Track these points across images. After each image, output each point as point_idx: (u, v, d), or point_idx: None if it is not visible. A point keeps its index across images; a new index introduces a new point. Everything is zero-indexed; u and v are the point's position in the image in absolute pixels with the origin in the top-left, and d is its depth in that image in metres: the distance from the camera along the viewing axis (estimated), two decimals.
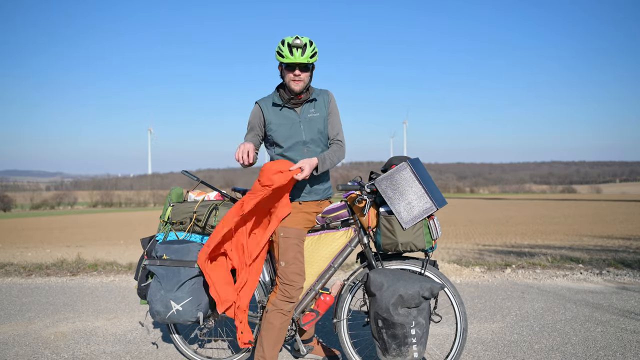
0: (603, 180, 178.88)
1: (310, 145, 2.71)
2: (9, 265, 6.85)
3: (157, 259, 2.74)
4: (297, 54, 2.56)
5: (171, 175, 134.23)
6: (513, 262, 6.21)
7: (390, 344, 2.42)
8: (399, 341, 2.41)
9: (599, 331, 3.49)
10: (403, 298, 2.40)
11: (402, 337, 2.40)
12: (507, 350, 3.19)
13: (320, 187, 2.79)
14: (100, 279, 5.90)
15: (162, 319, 2.72)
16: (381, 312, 2.42)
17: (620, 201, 45.66)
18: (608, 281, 5.10)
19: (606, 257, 6.49)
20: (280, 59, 2.61)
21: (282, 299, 2.64)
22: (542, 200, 56.05)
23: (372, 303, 2.48)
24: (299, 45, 2.55)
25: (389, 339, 2.41)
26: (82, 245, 15.32)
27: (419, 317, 2.42)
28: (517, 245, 10.76)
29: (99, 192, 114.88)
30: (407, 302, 2.40)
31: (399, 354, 2.43)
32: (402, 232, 2.49)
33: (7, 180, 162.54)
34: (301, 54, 2.56)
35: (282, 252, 2.67)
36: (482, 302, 4.38)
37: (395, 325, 2.39)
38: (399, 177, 2.52)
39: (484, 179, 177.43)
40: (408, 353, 2.43)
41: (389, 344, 2.42)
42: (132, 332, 3.79)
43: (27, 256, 10.36)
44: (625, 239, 12.14)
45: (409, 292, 2.40)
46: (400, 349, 2.42)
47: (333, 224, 2.76)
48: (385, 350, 2.45)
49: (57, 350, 3.41)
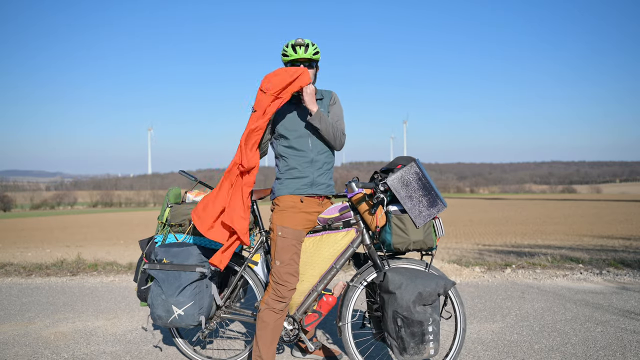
0: (603, 180, 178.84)
1: (315, 138, 2.75)
2: (9, 265, 6.85)
3: (157, 263, 2.73)
4: (301, 51, 2.69)
5: (171, 175, 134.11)
6: (513, 262, 6.21)
7: (409, 342, 2.44)
8: (417, 339, 2.44)
9: (599, 331, 3.49)
10: (422, 295, 2.43)
11: (420, 334, 2.43)
12: (507, 350, 3.20)
13: (324, 182, 2.78)
14: (100, 279, 5.90)
15: (163, 323, 2.72)
16: (401, 310, 2.43)
17: (620, 201, 45.64)
18: (608, 281, 5.10)
19: (606, 257, 6.49)
20: (285, 59, 2.74)
21: (274, 298, 2.65)
22: (542, 200, 56.04)
23: (390, 302, 2.48)
24: (301, 44, 2.70)
25: (408, 338, 2.43)
26: (82, 245, 15.31)
27: (434, 314, 2.47)
28: (517, 245, 10.76)
29: (99, 192, 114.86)
30: (425, 299, 2.44)
31: (417, 352, 2.45)
32: (415, 230, 2.54)
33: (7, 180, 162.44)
34: (304, 52, 2.69)
35: (278, 252, 2.67)
36: (482, 302, 4.38)
37: (415, 323, 2.42)
38: (409, 176, 2.57)
39: (484, 179, 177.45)
40: (425, 350, 2.46)
41: (408, 343, 2.44)
42: (132, 332, 3.79)
43: (27, 256, 10.35)
44: (625, 239, 12.14)
45: (427, 289, 2.44)
46: (418, 347, 2.45)
47: (335, 225, 2.76)
48: (404, 349, 2.46)
49: (57, 350, 3.41)
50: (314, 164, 2.73)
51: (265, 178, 63.23)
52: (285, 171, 2.75)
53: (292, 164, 2.73)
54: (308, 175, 2.73)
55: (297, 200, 2.72)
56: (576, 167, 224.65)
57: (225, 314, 2.98)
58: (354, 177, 2.66)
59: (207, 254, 2.78)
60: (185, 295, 2.66)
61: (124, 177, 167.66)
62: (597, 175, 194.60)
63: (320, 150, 2.75)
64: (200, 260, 2.72)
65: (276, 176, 2.83)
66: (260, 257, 2.96)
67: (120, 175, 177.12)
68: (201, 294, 2.71)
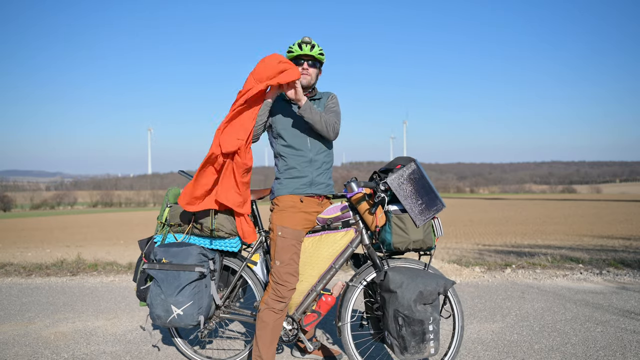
0: (603, 180, 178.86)
1: (314, 136, 2.75)
2: (9, 265, 6.85)
3: (156, 263, 2.73)
4: (306, 49, 2.72)
5: (171, 175, 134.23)
6: (513, 262, 6.21)
7: (409, 341, 2.45)
8: (418, 338, 2.44)
9: (599, 331, 3.49)
10: (423, 294, 2.44)
11: (421, 333, 2.44)
12: (507, 350, 3.19)
13: (323, 182, 2.79)
14: (100, 279, 5.90)
15: (163, 323, 2.72)
16: (402, 309, 2.44)
17: (620, 201, 45.63)
18: (608, 281, 5.10)
19: (606, 257, 6.49)
20: (290, 55, 2.76)
21: (274, 298, 2.65)
22: (542, 200, 56.02)
23: (392, 301, 2.48)
24: (308, 42, 2.74)
25: (409, 337, 2.44)
26: (82, 245, 15.31)
27: (434, 312, 2.48)
28: (517, 245, 10.76)
29: (99, 192, 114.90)
30: (425, 298, 2.45)
31: (418, 351, 2.46)
32: (415, 230, 2.55)
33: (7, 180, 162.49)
34: (310, 49, 2.72)
35: (278, 251, 2.67)
36: (482, 302, 4.38)
37: (416, 322, 2.43)
38: (410, 176, 2.58)
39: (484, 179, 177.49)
40: (426, 349, 2.47)
41: (409, 342, 2.45)
42: (132, 332, 3.79)
43: (27, 256, 10.35)
44: (625, 239, 12.14)
45: (428, 288, 2.45)
46: (419, 346, 2.46)
47: (334, 225, 2.76)
48: (405, 349, 2.47)
49: (57, 350, 3.41)
50: (313, 163, 2.73)
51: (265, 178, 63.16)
52: (285, 171, 2.75)
53: (291, 163, 2.73)
54: (307, 174, 2.73)
55: (297, 200, 2.72)
56: (576, 167, 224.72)
57: (225, 314, 2.98)
58: (352, 178, 2.67)
59: (207, 253, 2.78)
60: (184, 295, 2.66)
61: (124, 177, 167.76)
62: (597, 175, 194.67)
63: (318, 150, 2.76)
64: (200, 260, 2.72)
65: (275, 176, 2.83)
66: (259, 257, 2.96)
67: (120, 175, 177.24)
68: (200, 293, 2.71)
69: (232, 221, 2.79)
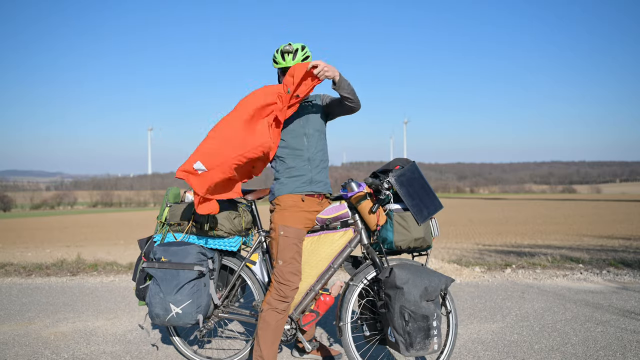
0: (603, 180, 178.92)
1: (311, 135, 2.76)
2: (9, 265, 6.85)
3: (155, 262, 2.73)
4: (289, 59, 2.70)
5: (171, 175, 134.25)
6: (513, 262, 6.21)
7: (415, 337, 2.47)
8: (423, 334, 2.47)
9: (599, 331, 3.49)
10: (428, 290, 2.48)
11: (425, 329, 2.47)
12: (507, 350, 3.19)
13: (322, 180, 2.80)
14: (100, 279, 5.90)
15: (161, 322, 2.72)
16: (409, 305, 2.46)
17: (620, 201, 45.64)
18: (608, 281, 5.10)
19: (606, 257, 6.49)
20: (275, 65, 2.76)
21: (276, 298, 2.64)
22: (542, 200, 56.03)
23: (398, 297, 2.50)
24: (289, 51, 2.69)
25: (415, 332, 2.46)
26: (82, 245, 15.32)
27: (437, 309, 2.52)
28: (517, 245, 10.76)
29: (98, 192, 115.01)
30: (430, 294, 2.48)
31: (422, 347, 2.48)
32: (417, 228, 2.60)
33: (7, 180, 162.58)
34: (292, 59, 2.69)
35: (280, 251, 2.67)
36: (482, 302, 4.38)
37: (421, 318, 2.46)
38: (411, 175, 2.64)
39: (484, 179, 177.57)
40: (430, 345, 2.49)
41: (414, 337, 2.47)
42: (132, 332, 3.79)
43: (27, 256, 10.36)
44: (625, 239, 12.14)
45: (432, 284, 2.49)
46: (424, 342, 2.48)
47: (332, 225, 2.77)
48: (410, 345, 2.48)
49: (57, 350, 3.41)
50: (311, 162, 2.75)
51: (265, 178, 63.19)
52: (284, 171, 2.76)
53: (290, 163, 2.74)
54: (306, 173, 2.74)
55: (298, 199, 2.72)
56: (576, 167, 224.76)
57: (224, 314, 2.98)
58: (348, 179, 2.70)
59: (206, 252, 2.78)
60: (183, 293, 2.66)
61: (124, 177, 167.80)
62: (597, 175, 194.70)
63: (315, 149, 2.77)
64: (199, 259, 2.72)
65: (275, 177, 2.83)
66: (258, 257, 2.96)
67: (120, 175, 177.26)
68: (199, 292, 2.71)
69: (231, 220, 2.79)
